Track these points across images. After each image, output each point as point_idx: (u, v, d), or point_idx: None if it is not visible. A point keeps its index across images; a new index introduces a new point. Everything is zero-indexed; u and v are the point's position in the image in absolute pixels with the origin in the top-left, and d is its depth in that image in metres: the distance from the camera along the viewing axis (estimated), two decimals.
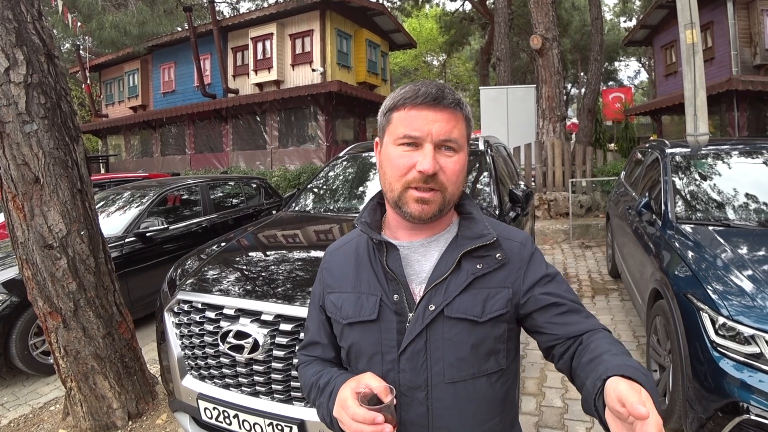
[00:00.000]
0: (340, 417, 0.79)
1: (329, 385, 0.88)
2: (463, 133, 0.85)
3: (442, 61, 31.61)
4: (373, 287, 0.88)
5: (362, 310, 0.87)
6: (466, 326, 0.83)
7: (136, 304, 4.29)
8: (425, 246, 0.89)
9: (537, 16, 9.39)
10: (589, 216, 8.35)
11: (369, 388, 0.78)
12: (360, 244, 0.95)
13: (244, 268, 2.18)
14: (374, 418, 0.73)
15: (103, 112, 17.77)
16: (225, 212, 5.75)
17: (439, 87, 0.82)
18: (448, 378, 0.83)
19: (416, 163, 0.80)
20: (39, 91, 2.45)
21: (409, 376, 0.84)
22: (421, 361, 0.83)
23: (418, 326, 0.83)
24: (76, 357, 2.67)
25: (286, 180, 10.98)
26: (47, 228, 2.53)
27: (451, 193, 0.83)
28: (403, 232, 0.90)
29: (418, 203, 0.82)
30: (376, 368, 0.86)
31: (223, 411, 1.76)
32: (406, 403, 0.84)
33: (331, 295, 0.94)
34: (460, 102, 0.84)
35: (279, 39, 13.21)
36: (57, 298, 2.59)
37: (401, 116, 0.83)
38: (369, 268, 0.90)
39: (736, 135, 11.09)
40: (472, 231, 0.88)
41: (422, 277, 0.87)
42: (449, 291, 0.84)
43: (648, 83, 30.60)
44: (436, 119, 0.81)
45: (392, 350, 0.85)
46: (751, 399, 1.91)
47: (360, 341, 0.88)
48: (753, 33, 11.28)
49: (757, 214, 2.98)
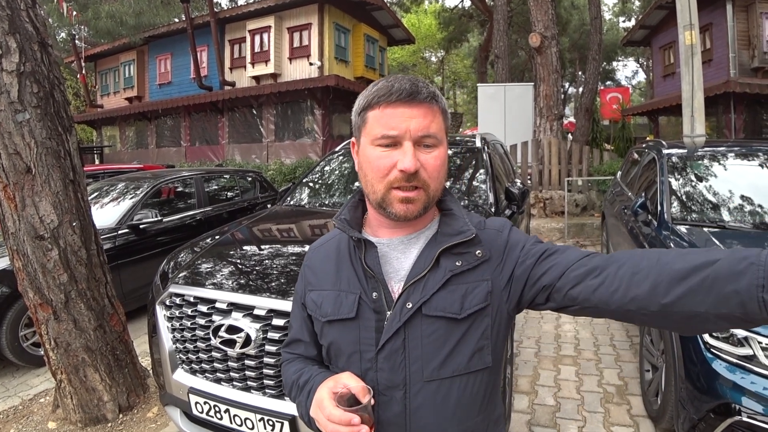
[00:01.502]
0: (317, 417, 0.78)
1: (308, 384, 0.88)
2: (441, 126, 0.82)
3: (440, 58, 31.53)
4: (352, 285, 0.87)
5: (341, 308, 0.86)
6: (445, 324, 0.82)
7: (129, 297, 4.26)
8: (405, 243, 0.88)
9: (536, 14, 9.37)
10: (585, 215, 8.37)
11: (347, 388, 0.77)
12: (341, 242, 0.93)
13: (238, 262, 2.16)
14: (350, 419, 0.72)
15: (98, 103, 17.61)
16: (219, 205, 5.72)
17: (413, 81, 0.80)
18: (427, 377, 0.82)
19: (397, 162, 0.78)
20: (32, 80, 2.41)
21: (387, 375, 0.83)
22: (399, 360, 0.82)
23: (395, 324, 0.82)
24: (67, 349, 2.65)
25: (282, 174, 10.94)
26: (38, 219, 2.50)
27: (434, 190, 0.82)
28: (384, 230, 0.89)
29: (403, 203, 0.80)
30: (355, 366, 0.85)
31: (214, 405, 1.75)
32: (384, 402, 0.83)
33: (312, 293, 0.93)
34: (435, 95, 0.81)
35: (277, 32, 13.12)
36: (48, 289, 2.56)
37: (377, 115, 0.80)
38: (349, 265, 0.89)
39: (733, 137, 11.12)
40: (452, 228, 0.86)
41: (401, 275, 0.86)
42: (427, 288, 0.82)
43: (645, 83, 30.67)
44: (413, 115, 0.78)
45: (371, 348, 0.84)
46: (743, 400, 1.91)
47: (339, 339, 0.87)
48: (751, 35, 11.30)
49: (752, 216, 2.99)
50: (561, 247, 0.84)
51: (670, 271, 0.67)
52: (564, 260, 0.80)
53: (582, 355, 3.49)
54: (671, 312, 0.67)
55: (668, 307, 0.67)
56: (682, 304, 0.65)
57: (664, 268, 0.68)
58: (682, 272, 0.66)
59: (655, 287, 0.68)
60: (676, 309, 0.66)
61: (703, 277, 0.64)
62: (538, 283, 0.82)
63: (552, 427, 2.61)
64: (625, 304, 0.71)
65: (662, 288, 0.67)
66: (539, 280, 0.81)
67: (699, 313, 0.64)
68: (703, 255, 0.66)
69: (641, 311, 0.70)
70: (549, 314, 4.29)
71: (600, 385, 3.03)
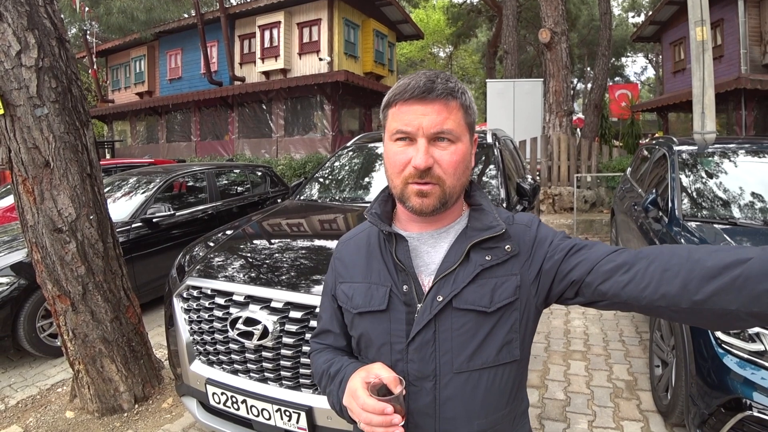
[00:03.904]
0: (350, 406, 0.80)
1: (339, 374, 0.90)
2: (460, 122, 0.82)
3: (449, 53, 31.38)
4: (383, 278, 0.89)
5: (372, 300, 0.88)
6: (475, 317, 0.83)
7: (142, 289, 4.32)
8: (435, 237, 0.89)
9: (546, 9, 9.30)
10: (593, 211, 8.34)
11: (379, 378, 0.79)
12: (371, 235, 0.95)
13: (254, 256, 2.20)
14: (383, 408, 0.74)
15: (109, 98, 17.77)
16: (231, 200, 5.76)
17: (430, 78, 0.81)
18: (456, 368, 0.84)
19: (411, 158, 0.80)
20: (50, 75, 2.45)
21: (417, 366, 0.85)
22: (430, 352, 0.84)
23: (426, 317, 0.84)
24: (84, 340, 2.70)
25: (292, 169, 10.98)
26: (57, 212, 2.55)
27: (450, 185, 0.82)
28: (413, 224, 0.90)
29: (419, 197, 0.81)
30: (385, 357, 0.87)
31: (231, 396, 1.78)
32: (414, 392, 0.85)
33: (343, 285, 0.95)
34: (453, 91, 0.81)
35: (286, 27, 13.14)
36: (66, 281, 2.61)
37: (394, 112, 0.83)
38: (380, 258, 0.91)
39: (743, 134, 11.00)
40: (482, 222, 0.87)
41: (431, 269, 0.87)
42: (457, 282, 0.84)
43: (654, 79, 30.33)
44: (426, 112, 0.80)
45: (401, 340, 0.86)
46: (754, 396, 1.92)
47: (370, 331, 0.89)
48: (763, 32, 11.15)
49: (763, 213, 2.98)
50: (589, 243, 0.85)
51: (702, 269, 0.68)
52: (593, 255, 0.81)
53: (591, 350, 3.50)
54: (702, 309, 0.68)
55: (699, 305, 0.67)
56: (713, 301, 0.66)
57: (695, 265, 0.69)
58: (714, 270, 0.67)
59: (686, 285, 0.68)
60: (708, 306, 0.67)
61: (735, 276, 0.64)
62: (566, 278, 0.83)
63: (562, 421, 2.63)
64: (655, 300, 0.72)
65: (693, 285, 0.68)
66: (568, 275, 0.82)
67: (731, 311, 0.65)
68: (734, 253, 0.67)
69: (671, 308, 0.71)
70: (558, 309, 4.30)
71: (609, 380, 3.04)
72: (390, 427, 0.74)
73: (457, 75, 32.42)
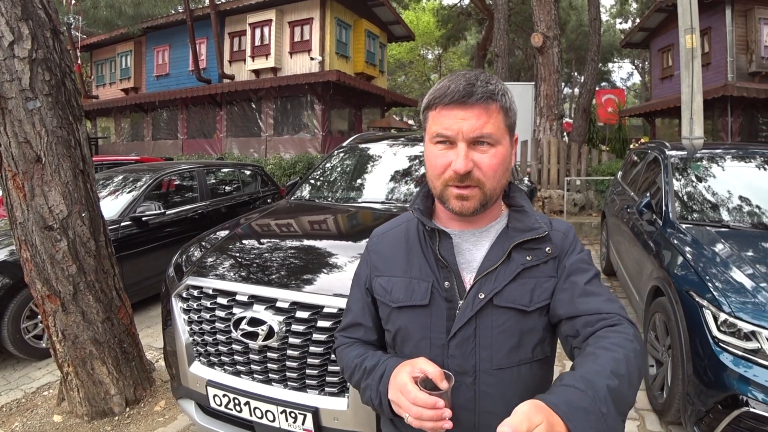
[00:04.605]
0: (398, 401, 0.80)
1: (378, 368, 0.89)
2: (500, 125, 0.83)
3: (438, 55, 31.50)
4: (424, 273, 0.90)
5: (413, 295, 0.89)
6: (514, 315, 0.85)
7: (131, 289, 4.21)
8: (476, 236, 0.91)
9: (539, 13, 9.39)
10: (583, 214, 8.43)
11: (424, 373, 0.79)
12: (410, 230, 0.96)
13: (256, 255, 2.16)
14: (435, 402, 0.74)
15: (93, 93, 17.43)
16: (221, 199, 5.69)
17: (469, 82, 0.81)
18: (496, 365, 0.86)
19: (451, 162, 0.81)
20: (44, 67, 2.38)
21: (458, 362, 0.86)
22: (470, 348, 0.86)
23: (467, 313, 0.85)
24: (74, 341, 2.63)
25: (281, 168, 10.90)
26: (48, 209, 2.48)
27: (490, 188, 0.84)
28: (454, 222, 0.92)
29: (458, 200, 0.83)
30: (424, 352, 0.87)
31: (233, 398, 1.74)
32: (454, 387, 0.85)
33: (380, 278, 0.95)
34: (493, 94, 0.82)
35: (278, 26, 13.06)
36: (56, 280, 2.54)
37: (434, 116, 0.84)
38: (420, 254, 0.92)
39: (729, 140, 11.25)
40: (524, 224, 0.90)
41: (473, 266, 0.89)
42: (498, 280, 0.85)
43: (640, 85, 30.88)
44: (466, 117, 0.80)
45: (441, 336, 0.87)
46: (750, 392, 1.96)
47: (409, 325, 0.90)
48: (750, 40, 11.43)
49: (755, 216, 3.04)
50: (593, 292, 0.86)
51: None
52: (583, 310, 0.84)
53: None
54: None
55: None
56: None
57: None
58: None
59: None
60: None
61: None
62: (553, 301, 0.87)
63: None
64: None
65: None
66: (556, 303, 0.87)
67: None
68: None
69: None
70: None
71: None
72: (440, 421, 0.74)
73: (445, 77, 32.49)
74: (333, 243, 2.33)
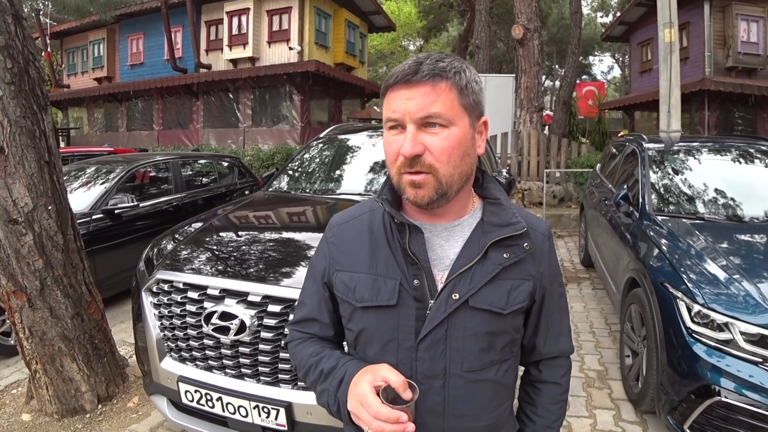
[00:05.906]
0: (358, 413, 0.75)
1: (336, 372, 0.83)
2: (453, 104, 0.75)
3: (419, 47, 31.38)
4: (391, 270, 0.82)
5: (380, 294, 0.82)
6: (488, 317, 0.81)
7: (104, 284, 4.10)
8: (448, 230, 0.84)
9: (520, 6, 9.40)
10: (562, 206, 8.53)
11: (386, 381, 0.74)
12: (373, 221, 0.88)
13: (228, 248, 2.10)
14: (398, 417, 0.70)
15: (64, 83, 16.86)
16: (197, 191, 5.57)
17: (417, 61, 0.75)
18: (467, 367, 0.82)
19: (401, 146, 0.75)
20: (5, 55, 2.27)
21: (427, 365, 0.81)
22: (441, 350, 0.81)
23: (440, 314, 0.79)
24: (42, 338, 2.54)
25: (259, 160, 10.74)
26: (12, 201, 2.38)
27: (445, 174, 0.75)
28: (421, 215, 0.85)
29: (412, 187, 0.76)
30: (390, 354, 0.82)
31: (205, 394, 1.70)
32: (423, 391, 0.81)
33: (341, 274, 0.87)
34: (443, 71, 0.74)
35: (256, 14, 12.80)
36: (22, 276, 2.45)
37: (386, 101, 0.78)
38: (386, 248, 0.84)
39: (706, 134, 11.51)
40: (500, 218, 0.84)
41: (445, 264, 0.83)
42: (475, 280, 0.80)
43: (620, 79, 31.33)
44: (411, 96, 0.74)
45: (410, 337, 0.81)
46: (722, 382, 2.00)
47: (374, 326, 0.83)
48: (727, 36, 11.68)
49: (729, 208, 3.10)
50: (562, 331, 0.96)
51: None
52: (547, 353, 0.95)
53: None
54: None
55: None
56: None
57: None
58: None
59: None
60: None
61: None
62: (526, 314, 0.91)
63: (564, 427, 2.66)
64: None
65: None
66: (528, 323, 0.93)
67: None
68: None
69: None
70: None
71: (582, 371, 3.11)
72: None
73: None
74: (309, 235, 2.28)
